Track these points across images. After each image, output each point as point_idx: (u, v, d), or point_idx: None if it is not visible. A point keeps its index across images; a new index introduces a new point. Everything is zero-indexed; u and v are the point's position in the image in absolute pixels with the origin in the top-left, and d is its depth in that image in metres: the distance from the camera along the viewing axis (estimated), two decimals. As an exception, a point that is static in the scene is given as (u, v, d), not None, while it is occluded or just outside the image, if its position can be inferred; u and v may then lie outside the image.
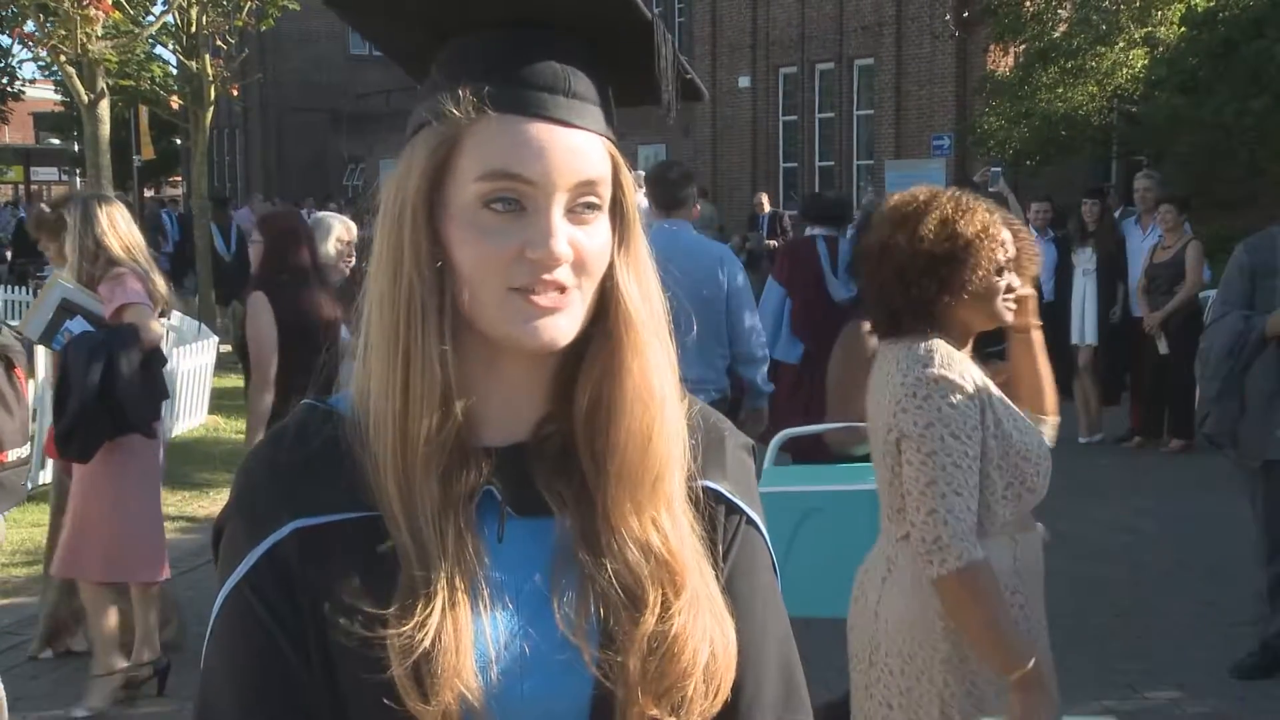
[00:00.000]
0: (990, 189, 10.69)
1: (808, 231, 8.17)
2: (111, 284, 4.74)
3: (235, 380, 9.01)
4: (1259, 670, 5.13)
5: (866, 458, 3.56)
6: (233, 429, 10.49)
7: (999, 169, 12.95)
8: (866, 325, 3.79)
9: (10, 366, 4.27)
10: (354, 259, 5.47)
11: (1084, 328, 9.93)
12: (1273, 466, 5.06)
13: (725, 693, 1.15)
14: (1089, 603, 6.12)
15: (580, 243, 1.09)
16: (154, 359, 4.81)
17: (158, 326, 4.84)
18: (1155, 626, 5.79)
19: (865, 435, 3.60)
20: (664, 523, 1.14)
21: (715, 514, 1.21)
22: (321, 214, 5.90)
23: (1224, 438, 5.24)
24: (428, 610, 1.07)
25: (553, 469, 1.15)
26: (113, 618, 4.87)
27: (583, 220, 1.10)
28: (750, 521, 1.24)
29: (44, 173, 41.93)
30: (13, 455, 4.20)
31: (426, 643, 1.06)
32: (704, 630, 1.12)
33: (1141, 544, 7.19)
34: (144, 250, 4.91)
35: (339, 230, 5.44)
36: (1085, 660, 5.35)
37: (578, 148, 1.09)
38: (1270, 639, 5.17)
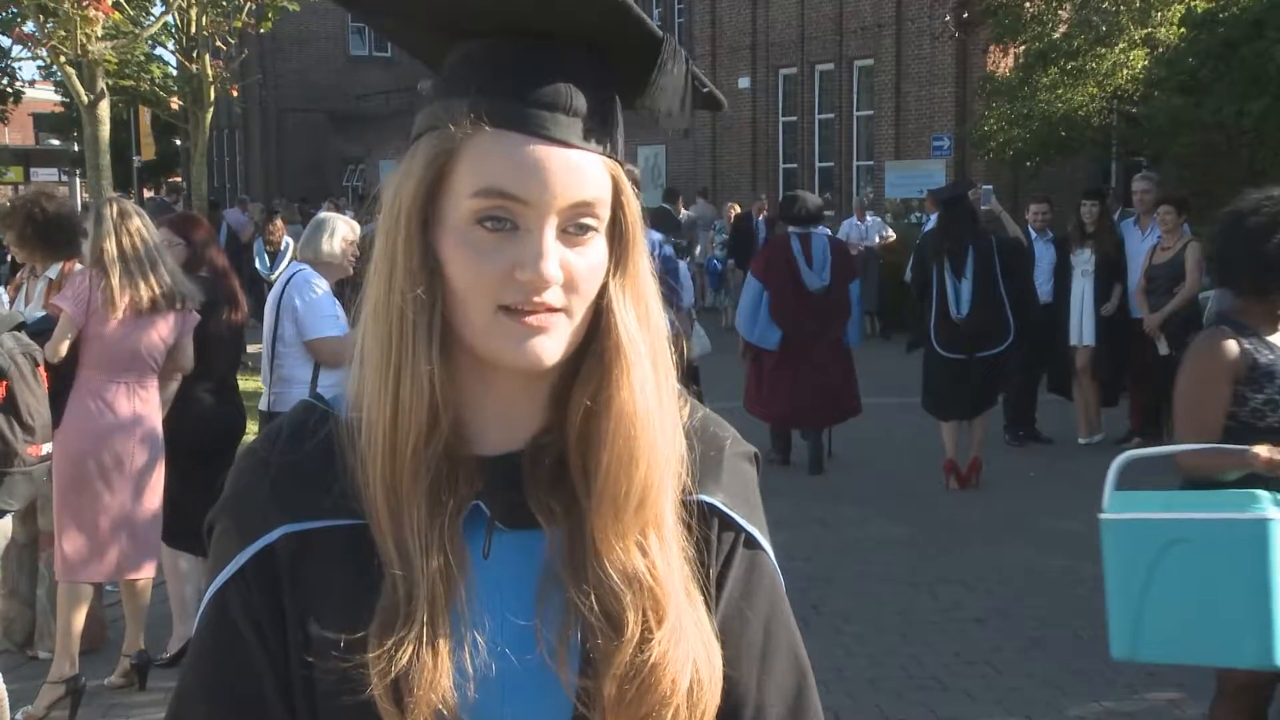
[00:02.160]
0: (983, 206, 10.73)
1: (789, 230, 9.12)
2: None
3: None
4: (1259, 671, 5.12)
5: (1241, 484, 3.31)
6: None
7: (989, 187, 13.00)
8: (1227, 338, 3.56)
9: (35, 365, 4.35)
10: (358, 258, 5.50)
11: (1082, 329, 9.93)
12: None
13: (710, 718, 1.14)
14: (1089, 603, 6.12)
15: (572, 264, 1.08)
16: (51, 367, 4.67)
17: (57, 342, 4.72)
18: (1155, 627, 5.78)
19: (1232, 458, 3.37)
20: (651, 547, 1.12)
21: (709, 529, 1.18)
22: (326, 214, 5.89)
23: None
24: (407, 627, 1.06)
25: (545, 481, 1.14)
26: (75, 622, 4.85)
27: (577, 241, 1.09)
28: (749, 535, 1.21)
29: (44, 174, 41.82)
30: (45, 449, 4.33)
31: (404, 661, 1.05)
32: (685, 658, 1.11)
33: (1141, 545, 7.18)
34: (138, 254, 4.84)
35: (344, 230, 5.44)
36: (1085, 660, 5.35)
37: (576, 168, 1.08)
38: (1270, 640, 5.16)
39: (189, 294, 5.00)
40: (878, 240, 17.37)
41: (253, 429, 6.11)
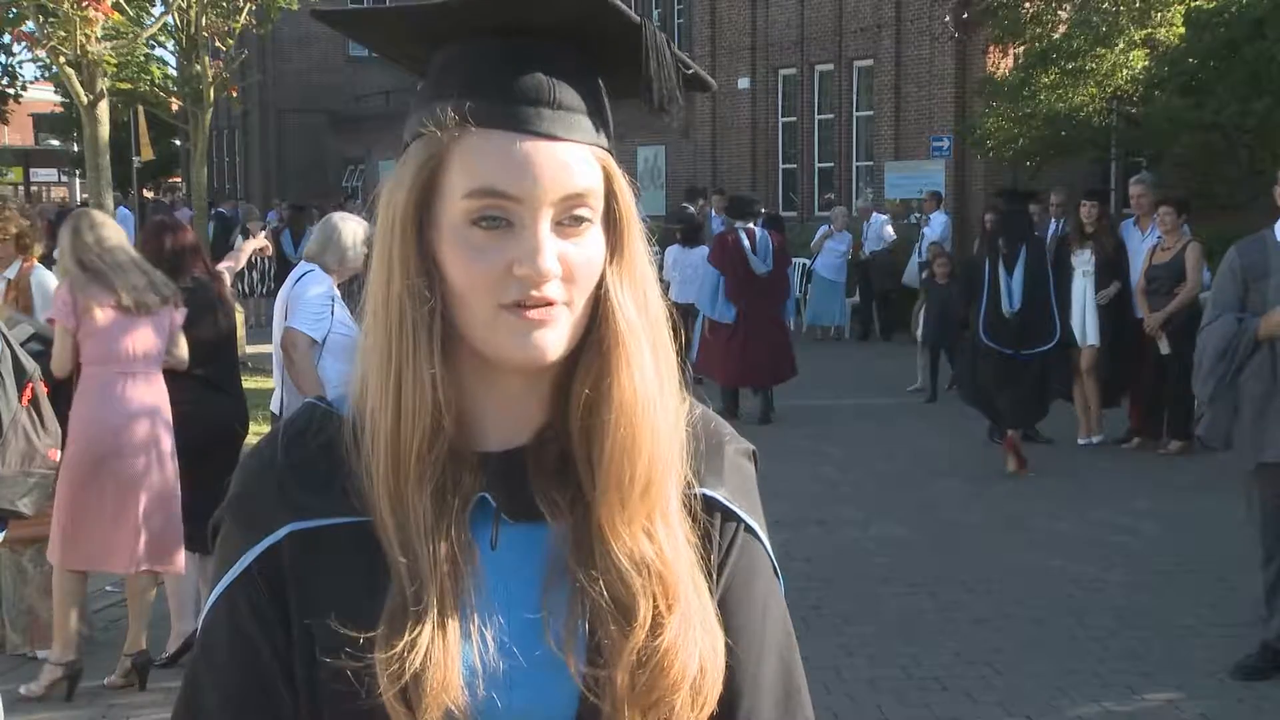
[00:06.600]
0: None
1: (735, 225, 11.09)
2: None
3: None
4: (1258, 672, 5.13)
5: None
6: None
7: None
8: None
9: (38, 378, 4.47)
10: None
11: (1084, 329, 9.92)
12: (1266, 469, 5.06)
13: (712, 705, 1.14)
14: (1088, 603, 6.13)
15: (570, 256, 1.08)
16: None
17: (60, 354, 4.87)
18: (1154, 628, 5.79)
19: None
20: (658, 533, 1.12)
21: (711, 522, 1.19)
22: (339, 214, 5.78)
23: (1217, 440, 5.25)
24: (418, 628, 1.06)
25: (550, 475, 1.14)
26: (73, 609, 4.92)
27: (572, 233, 1.09)
28: (749, 529, 1.22)
29: (43, 174, 41.90)
30: (56, 456, 4.45)
31: (418, 662, 1.05)
32: (694, 643, 1.11)
33: (1141, 545, 7.19)
34: (105, 257, 4.89)
35: (362, 234, 5.39)
36: (1084, 661, 5.35)
37: (564, 161, 1.08)
38: (1269, 640, 5.17)
39: (167, 293, 5.01)
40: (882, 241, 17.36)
41: (263, 429, 6.11)
